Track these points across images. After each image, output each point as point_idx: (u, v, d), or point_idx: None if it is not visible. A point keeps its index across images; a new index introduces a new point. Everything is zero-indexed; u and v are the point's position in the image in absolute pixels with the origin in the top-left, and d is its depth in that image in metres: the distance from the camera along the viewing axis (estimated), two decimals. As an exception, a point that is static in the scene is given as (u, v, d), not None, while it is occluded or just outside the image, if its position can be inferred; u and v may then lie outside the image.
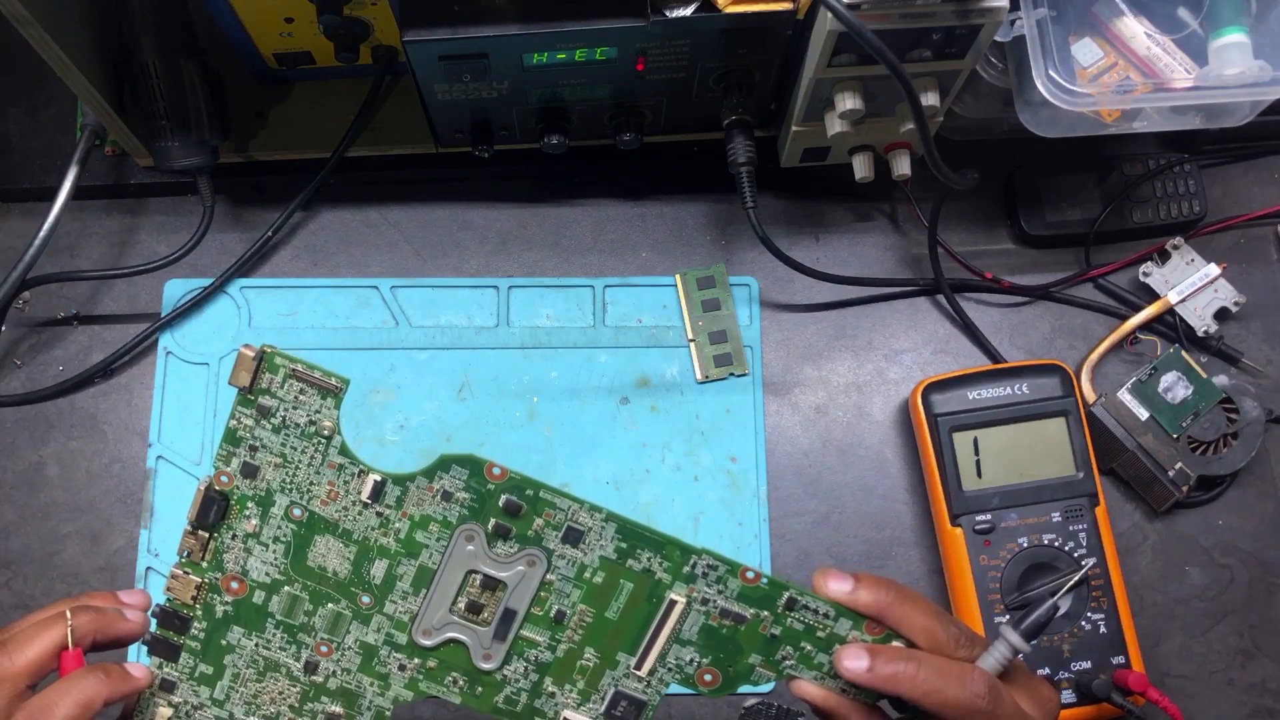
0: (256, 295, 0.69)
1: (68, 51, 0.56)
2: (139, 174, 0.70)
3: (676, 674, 0.46)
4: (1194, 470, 0.65)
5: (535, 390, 0.68)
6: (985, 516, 0.63)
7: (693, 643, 0.45)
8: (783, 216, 0.72)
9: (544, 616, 0.45)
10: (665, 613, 0.45)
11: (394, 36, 0.63)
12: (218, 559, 0.45)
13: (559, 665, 0.46)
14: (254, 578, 0.45)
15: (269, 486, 0.44)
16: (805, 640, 0.45)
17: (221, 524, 0.45)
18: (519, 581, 0.45)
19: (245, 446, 0.44)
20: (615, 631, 0.46)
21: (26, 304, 0.69)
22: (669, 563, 0.44)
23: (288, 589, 0.46)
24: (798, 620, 0.44)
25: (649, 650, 0.46)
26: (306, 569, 0.45)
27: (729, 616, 0.45)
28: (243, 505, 0.45)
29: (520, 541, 0.44)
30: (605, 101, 0.64)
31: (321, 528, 0.45)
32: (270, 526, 0.45)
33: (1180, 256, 0.69)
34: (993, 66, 0.61)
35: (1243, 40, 0.56)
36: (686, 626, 0.45)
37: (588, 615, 0.45)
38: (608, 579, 0.45)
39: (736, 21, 0.56)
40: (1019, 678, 0.44)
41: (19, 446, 0.67)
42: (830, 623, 0.44)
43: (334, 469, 0.44)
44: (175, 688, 0.46)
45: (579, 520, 0.44)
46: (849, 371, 0.70)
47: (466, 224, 0.72)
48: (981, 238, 0.72)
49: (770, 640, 0.45)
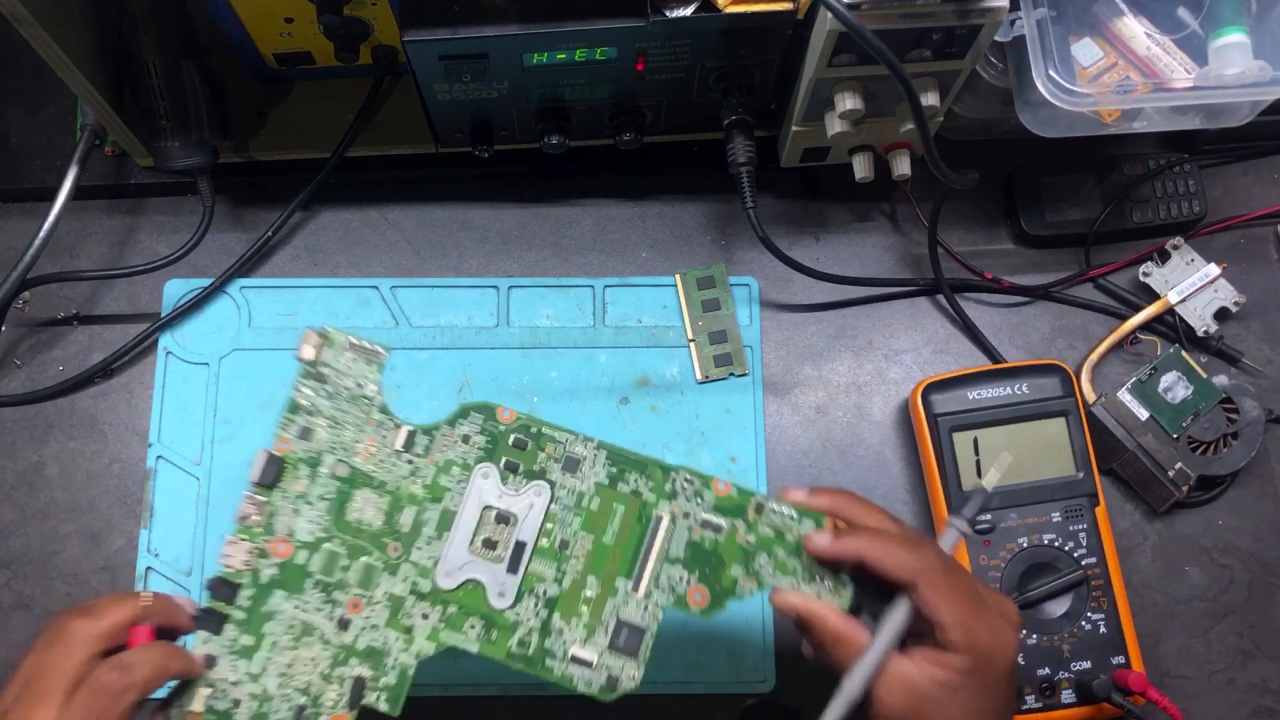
0: (256, 295, 0.69)
1: (68, 51, 0.56)
2: (139, 174, 0.70)
3: (670, 595, 0.52)
4: (1194, 470, 0.65)
5: (535, 390, 0.68)
6: (985, 516, 0.63)
7: (680, 560, 0.51)
8: (783, 216, 0.72)
9: (550, 548, 0.52)
10: (654, 531, 0.51)
11: (394, 36, 0.63)
12: (269, 522, 0.51)
13: (565, 599, 0.51)
14: (299, 538, 0.51)
15: (320, 447, 0.52)
16: (777, 545, 0.51)
17: (276, 486, 0.51)
18: (527, 513, 0.52)
19: (303, 413, 0.52)
20: (612, 556, 0.52)
21: (26, 304, 0.69)
22: (653, 482, 0.52)
23: (328, 545, 0.51)
24: (767, 525, 0.51)
25: (643, 571, 0.51)
26: (345, 524, 0.51)
27: (709, 528, 0.51)
28: (295, 467, 0.52)
29: (528, 476, 0.52)
30: (605, 101, 0.64)
31: (360, 481, 0.52)
32: (317, 485, 0.52)
33: (1180, 256, 0.69)
34: (993, 66, 0.61)
35: (1243, 40, 0.57)
36: (674, 544, 0.51)
37: (587, 541, 0.52)
38: (602, 505, 0.52)
39: (736, 21, 0.56)
40: (982, 587, 0.46)
41: (19, 446, 0.67)
42: (795, 523, 0.51)
43: (374, 425, 0.52)
44: (215, 663, 0.49)
45: (575, 450, 0.52)
46: (849, 371, 0.70)
47: (466, 224, 0.72)
48: (981, 238, 0.72)
49: (746, 550, 0.51)
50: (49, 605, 0.65)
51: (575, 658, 0.51)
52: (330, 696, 0.50)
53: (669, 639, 0.64)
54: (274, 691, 0.50)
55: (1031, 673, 0.61)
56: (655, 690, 0.64)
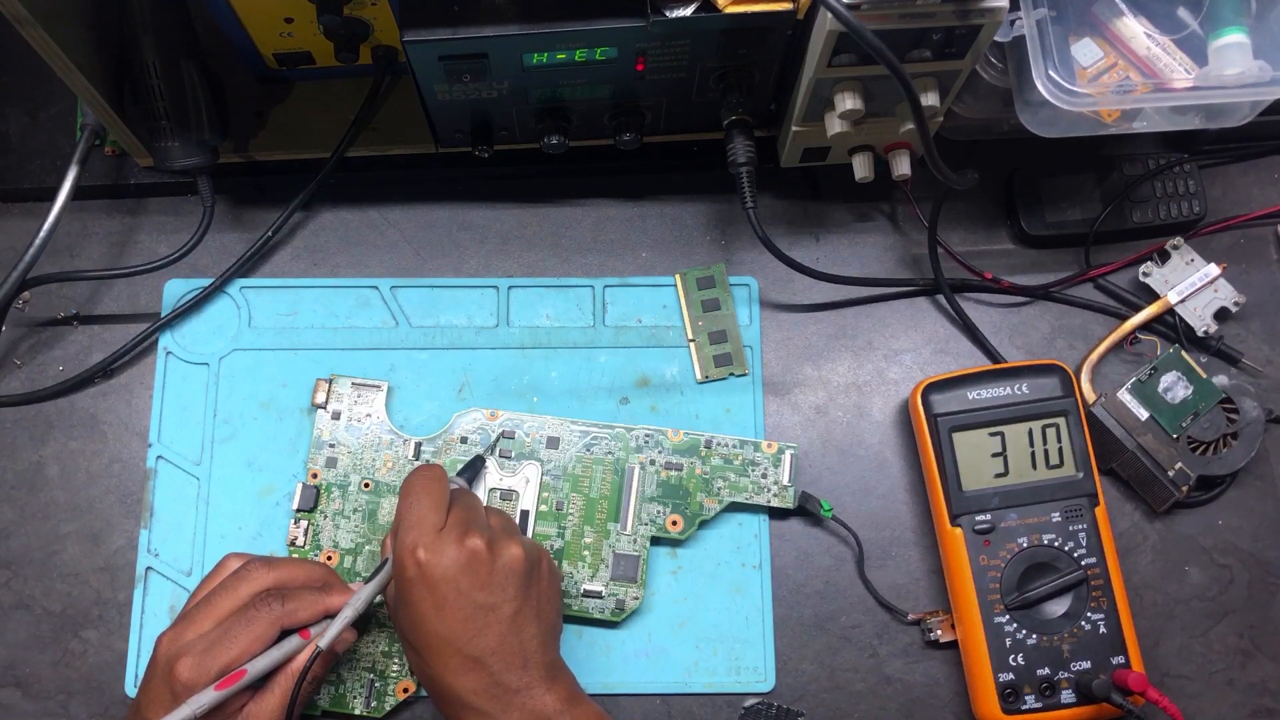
0: (256, 295, 0.69)
1: (68, 51, 0.56)
2: (139, 174, 0.70)
3: (652, 526, 0.64)
4: (1194, 470, 0.65)
5: (535, 390, 0.68)
6: (985, 516, 0.63)
7: (655, 498, 0.65)
8: (783, 216, 0.72)
9: (549, 511, 0.64)
10: (629, 480, 0.65)
11: (394, 36, 0.63)
12: (316, 539, 0.64)
13: (569, 548, 0.64)
14: (343, 546, 0.64)
15: (345, 471, 0.65)
16: (728, 470, 0.65)
17: (316, 509, 0.64)
18: (525, 487, 0.64)
19: (325, 446, 0.65)
20: (600, 507, 0.65)
21: (26, 304, 0.69)
22: (620, 443, 0.65)
23: (368, 548, 0.64)
24: (718, 455, 0.65)
25: (627, 512, 0.64)
26: (379, 527, 0.64)
27: (671, 467, 0.65)
28: (328, 492, 0.65)
29: (520, 459, 0.65)
30: (605, 101, 0.64)
31: (385, 491, 0.65)
32: (350, 501, 0.65)
33: (1180, 256, 0.69)
34: (993, 66, 0.61)
35: (1243, 40, 0.56)
36: (647, 486, 0.65)
37: (578, 500, 0.65)
38: (584, 468, 0.65)
39: (736, 21, 0.56)
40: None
41: (19, 446, 0.67)
42: (739, 450, 0.65)
43: (387, 444, 0.65)
44: None
45: (553, 430, 0.65)
46: (849, 371, 0.70)
47: (466, 224, 0.72)
48: (981, 238, 0.72)
49: (705, 480, 0.65)
50: (49, 605, 0.65)
51: (587, 592, 0.63)
52: (394, 668, 0.62)
53: (669, 639, 0.64)
54: (345, 675, 0.62)
55: (1031, 673, 0.61)
56: (655, 690, 0.64)
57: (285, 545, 0.64)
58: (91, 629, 0.65)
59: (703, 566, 0.65)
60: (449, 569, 0.52)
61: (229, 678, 0.51)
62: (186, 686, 0.50)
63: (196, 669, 0.51)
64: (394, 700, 0.62)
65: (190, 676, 0.51)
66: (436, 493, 0.54)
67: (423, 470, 0.56)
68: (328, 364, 0.68)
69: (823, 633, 0.65)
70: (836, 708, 0.64)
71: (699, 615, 0.65)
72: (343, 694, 0.62)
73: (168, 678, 0.51)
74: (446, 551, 0.52)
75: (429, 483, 0.55)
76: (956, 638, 0.64)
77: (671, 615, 0.65)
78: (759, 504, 0.65)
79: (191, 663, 0.51)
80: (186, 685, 0.50)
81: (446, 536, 0.53)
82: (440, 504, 0.54)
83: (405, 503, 0.54)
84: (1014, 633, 0.61)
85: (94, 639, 0.64)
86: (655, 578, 0.65)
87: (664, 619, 0.65)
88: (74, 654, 0.64)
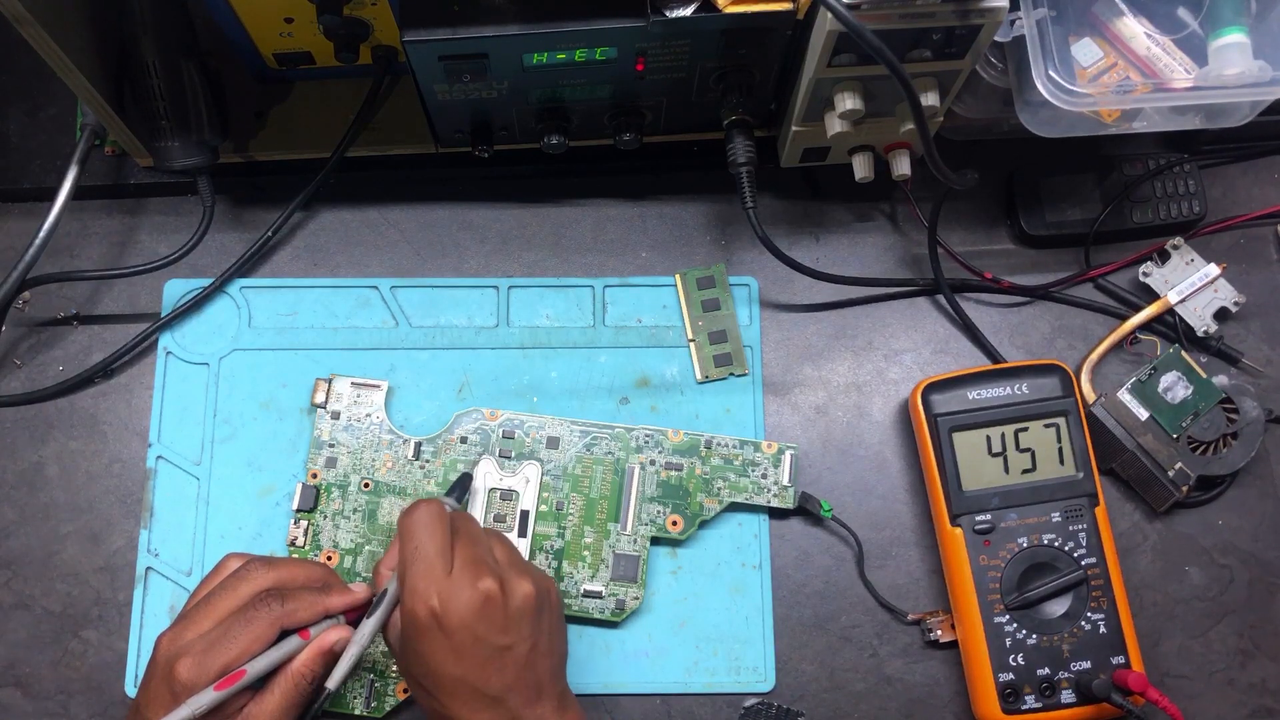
0: (256, 295, 0.69)
1: (68, 51, 0.56)
2: (139, 174, 0.70)
3: (652, 526, 0.64)
4: (1194, 470, 0.65)
5: (535, 390, 0.68)
6: (985, 516, 0.63)
7: (655, 498, 0.64)
8: (783, 216, 0.72)
9: (549, 512, 0.64)
10: (629, 480, 0.64)
11: (394, 36, 0.63)
12: (315, 539, 0.64)
13: (569, 549, 0.64)
14: (343, 546, 0.64)
15: (345, 471, 0.65)
16: (728, 470, 0.65)
17: (315, 509, 0.64)
18: (525, 487, 0.64)
19: (325, 446, 0.65)
20: (600, 507, 0.64)
21: (26, 304, 0.69)
22: (620, 443, 0.65)
23: (368, 548, 0.64)
24: (718, 455, 0.65)
25: (627, 513, 0.64)
26: (378, 527, 0.64)
27: (671, 468, 0.65)
28: (328, 492, 0.64)
29: (520, 459, 0.65)
30: (605, 101, 0.64)
31: (385, 491, 0.65)
32: (350, 501, 0.64)
33: (1180, 256, 0.69)
34: (993, 66, 0.61)
35: (1243, 40, 0.57)
36: (647, 486, 0.64)
37: (578, 500, 0.64)
38: (584, 469, 0.65)
39: (736, 21, 0.56)
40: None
41: (19, 446, 0.67)
42: (740, 451, 0.65)
43: (387, 444, 0.65)
44: None
45: (554, 430, 0.65)
46: (849, 371, 0.70)
47: (466, 224, 0.72)
48: (981, 238, 0.72)
49: (705, 480, 0.65)
50: (49, 605, 0.65)
51: (587, 592, 0.63)
52: (394, 668, 0.61)
53: (669, 639, 0.64)
54: None
55: (1031, 673, 0.61)
56: (655, 690, 0.64)
57: (285, 545, 0.65)
58: (91, 629, 0.65)
59: (703, 566, 0.65)
60: (465, 616, 0.50)
61: (229, 678, 0.50)
62: (186, 686, 0.50)
63: (196, 669, 0.51)
64: (394, 700, 0.62)
65: (190, 676, 0.50)
66: (440, 533, 0.52)
67: (420, 508, 0.53)
68: (328, 364, 0.68)
69: (823, 633, 0.65)
70: (836, 708, 0.64)
71: (699, 615, 0.65)
72: (343, 694, 0.62)
73: (167, 678, 0.51)
74: (460, 598, 0.50)
75: (430, 520, 0.53)
76: (956, 638, 0.64)
77: (671, 615, 0.65)
78: (759, 504, 0.65)
79: (191, 663, 0.51)
80: (186, 685, 0.50)
81: (459, 581, 0.51)
82: (445, 545, 0.52)
83: (409, 546, 0.52)
84: (1014, 633, 0.61)
85: (94, 639, 0.64)
86: (655, 578, 0.65)
87: (664, 619, 0.65)
88: (74, 654, 0.64)
